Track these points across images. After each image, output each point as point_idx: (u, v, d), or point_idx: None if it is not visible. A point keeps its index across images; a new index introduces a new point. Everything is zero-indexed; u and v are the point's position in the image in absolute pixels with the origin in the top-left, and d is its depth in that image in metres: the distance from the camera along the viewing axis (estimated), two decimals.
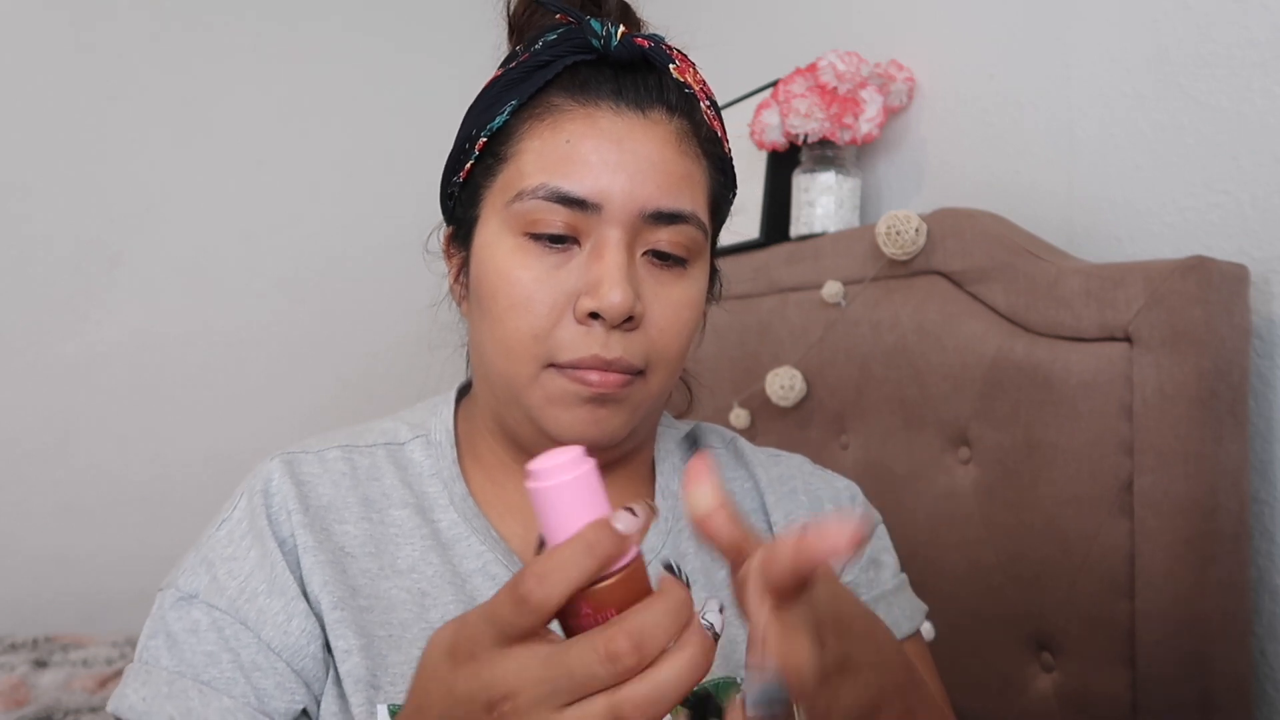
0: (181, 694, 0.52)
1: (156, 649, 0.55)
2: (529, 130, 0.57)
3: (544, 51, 0.58)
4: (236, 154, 1.98)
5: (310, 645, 0.55)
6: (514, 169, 0.57)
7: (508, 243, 0.57)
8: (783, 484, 0.71)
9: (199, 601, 0.55)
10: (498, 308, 0.57)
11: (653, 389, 0.59)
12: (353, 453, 0.63)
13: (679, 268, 0.58)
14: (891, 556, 0.72)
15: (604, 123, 0.56)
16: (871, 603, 0.67)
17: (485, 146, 0.60)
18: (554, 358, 0.56)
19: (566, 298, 0.55)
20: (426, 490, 0.63)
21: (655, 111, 0.57)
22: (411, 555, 0.59)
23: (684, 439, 0.73)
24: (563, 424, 0.57)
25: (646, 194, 0.55)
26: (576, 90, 0.57)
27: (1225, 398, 0.86)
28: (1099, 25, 1.11)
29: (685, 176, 0.58)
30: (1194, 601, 0.85)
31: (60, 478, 1.79)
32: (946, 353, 1.08)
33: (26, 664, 1.47)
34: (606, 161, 0.55)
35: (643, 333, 0.57)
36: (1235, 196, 0.97)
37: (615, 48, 0.57)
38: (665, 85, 0.58)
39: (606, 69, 0.57)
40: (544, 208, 0.55)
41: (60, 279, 1.81)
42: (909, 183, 1.38)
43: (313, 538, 0.57)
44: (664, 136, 0.57)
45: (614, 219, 0.55)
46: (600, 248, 0.55)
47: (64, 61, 1.81)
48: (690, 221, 0.57)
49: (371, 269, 2.09)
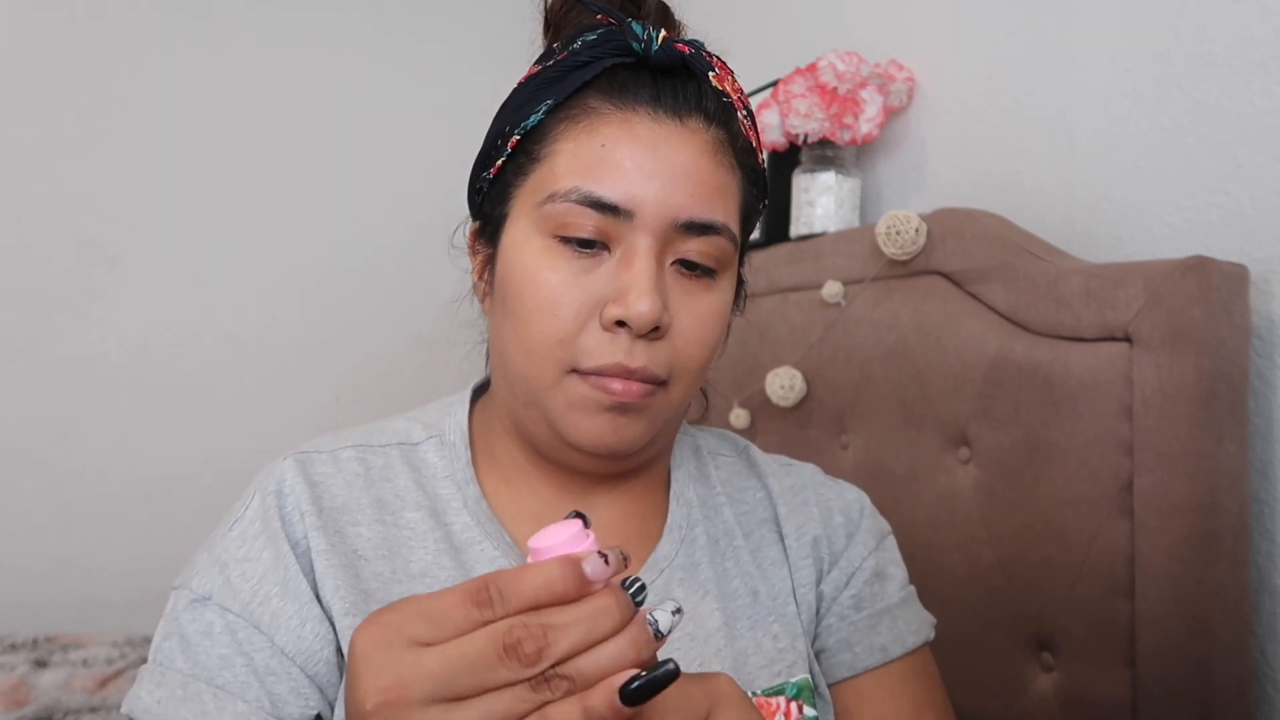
0: (196, 697, 0.52)
1: (170, 651, 0.55)
2: (564, 131, 0.56)
3: (583, 52, 0.57)
4: (237, 153, 1.97)
5: (324, 650, 0.55)
6: (547, 169, 0.56)
7: (536, 243, 0.56)
8: (795, 494, 0.70)
9: (212, 604, 0.55)
10: (523, 308, 0.56)
11: (674, 399, 0.58)
12: (366, 452, 0.63)
13: (707, 278, 0.58)
14: (900, 569, 0.71)
15: (641, 128, 0.55)
16: (875, 617, 0.67)
17: (518, 144, 0.58)
18: (577, 363, 0.55)
19: (593, 303, 0.55)
20: (440, 492, 0.62)
21: (693, 120, 0.56)
22: (424, 559, 0.59)
23: (696, 446, 0.72)
24: (582, 430, 0.56)
25: (679, 203, 0.55)
26: (614, 93, 0.56)
27: (1225, 398, 0.86)
28: (1099, 25, 1.11)
29: (719, 187, 0.57)
30: (1194, 602, 0.85)
31: (60, 478, 1.79)
32: (946, 353, 1.08)
33: (26, 664, 1.47)
34: (641, 168, 0.54)
35: (668, 343, 0.56)
36: (1235, 196, 0.97)
37: (656, 52, 0.56)
38: (704, 93, 0.57)
39: (645, 73, 0.57)
40: (575, 211, 0.54)
41: (60, 279, 1.81)
42: (909, 183, 1.38)
43: (326, 540, 0.57)
44: (700, 145, 0.56)
45: (645, 226, 0.54)
46: (630, 255, 0.54)
47: (64, 61, 1.81)
48: (722, 233, 0.57)
49: (373, 270, 2.09)
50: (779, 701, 0.61)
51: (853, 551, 0.69)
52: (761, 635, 0.63)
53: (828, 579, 0.68)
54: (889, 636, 0.66)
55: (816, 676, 0.64)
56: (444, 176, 2.19)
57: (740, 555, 0.66)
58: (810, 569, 0.67)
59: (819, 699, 0.63)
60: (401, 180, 2.12)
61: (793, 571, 0.67)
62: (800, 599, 0.66)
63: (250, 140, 1.99)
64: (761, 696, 0.60)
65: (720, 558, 0.65)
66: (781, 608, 0.65)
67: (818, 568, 0.68)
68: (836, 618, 0.67)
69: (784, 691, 0.61)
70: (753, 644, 0.62)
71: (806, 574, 0.67)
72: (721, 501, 0.68)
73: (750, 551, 0.66)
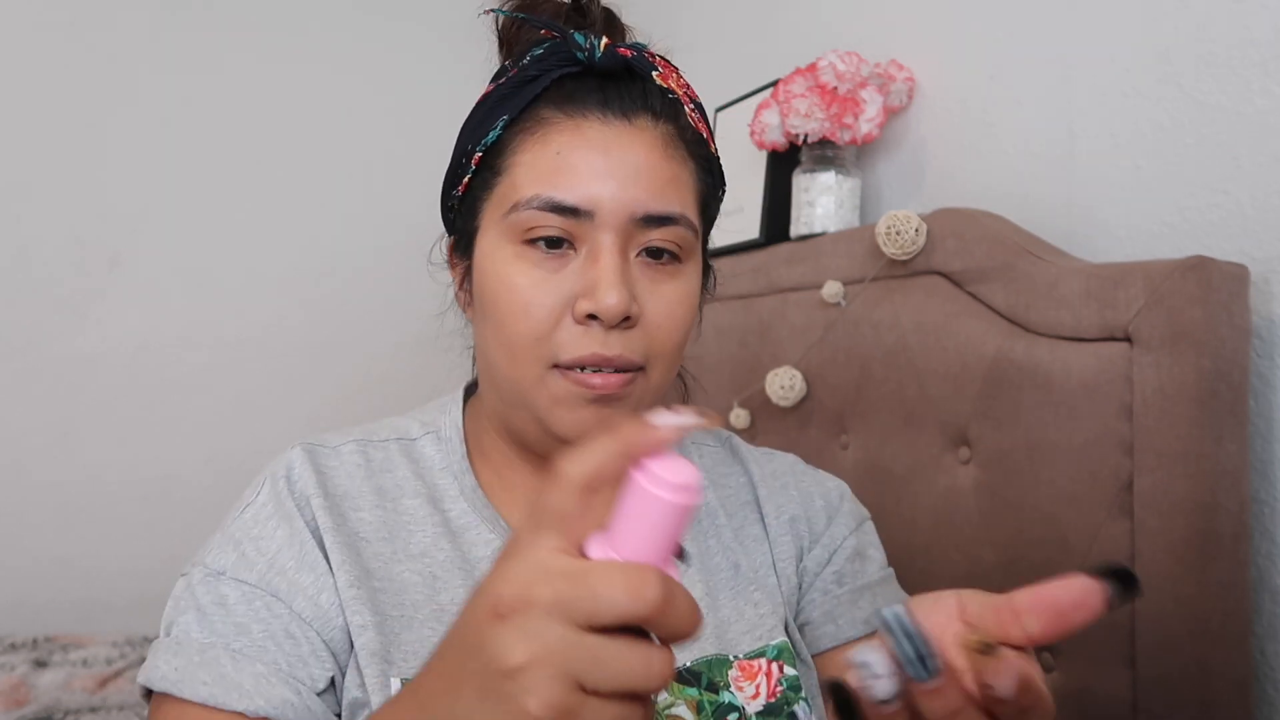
0: (214, 662, 0.54)
1: (186, 624, 0.56)
2: (521, 144, 0.60)
3: (531, 66, 0.61)
4: (237, 154, 1.97)
5: (338, 618, 0.57)
6: (509, 182, 0.60)
7: (507, 251, 0.59)
8: (775, 479, 0.74)
9: (227, 578, 0.58)
10: (500, 313, 0.59)
11: (654, 383, 0.61)
12: (367, 447, 0.66)
13: (673, 264, 0.60)
14: (879, 552, 0.76)
15: (591, 132, 0.58)
16: (857, 592, 0.70)
17: (481, 160, 0.62)
18: (556, 358, 0.58)
19: (565, 301, 0.58)
20: (437, 482, 0.66)
21: (641, 118, 0.59)
22: (423, 541, 0.62)
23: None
24: (568, 424, 0.59)
25: (636, 199, 0.58)
26: (564, 102, 0.59)
27: (1225, 398, 0.86)
28: (1099, 25, 1.11)
29: (673, 179, 0.60)
30: (1194, 602, 0.85)
31: (60, 478, 1.79)
32: (946, 353, 1.08)
33: (26, 664, 1.47)
34: (595, 170, 0.57)
35: (641, 330, 0.59)
36: (1235, 196, 0.97)
37: (599, 59, 0.60)
38: (649, 92, 0.60)
39: (592, 80, 0.60)
40: (539, 217, 0.57)
41: (60, 279, 1.81)
42: (909, 183, 1.38)
43: (331, 520, 0.60)
44: (650, 142, 0.59)
45: (606, 224, 0.57)
46: (595, 252, 0.57)
47: (64, 61, 1.81)
48: (680, 223, 0.59)
49: (372, 271, 2.09)
50: (760, 663, 0.64)
51: (834, 530, 0.73)
52: (744, 604, 0.67)
53: (810, 555, 0.72)
54: (870, 610, 0.70)
55: (797, 643, 0.68)
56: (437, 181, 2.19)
57: (722, 533, 0.70)
58: (790, 544, 0.71)
59: (800, 663, 0.66)
60: (401, 181, 2.12)
61: (773, 547, 0.71)
62: (780, 571, 0.70)
63: (250, 140, 1.99)
64: (744, 660, 0.64)
65: (703, 536, 0.69)
66: (763, 579, 0.69)
67: (798, 544, 0.72)
68: (820, 592, 0.71)
69: (764, 654, 0.65)
70: (735, 613, 0.66)
71: (786, 549, 0.71)
72: (705, 485, 0.72)
73: (733, 530, 0.70)
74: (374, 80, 2.12)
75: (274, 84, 2.02)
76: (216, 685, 0.53)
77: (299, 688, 0.54)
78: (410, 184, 2.12)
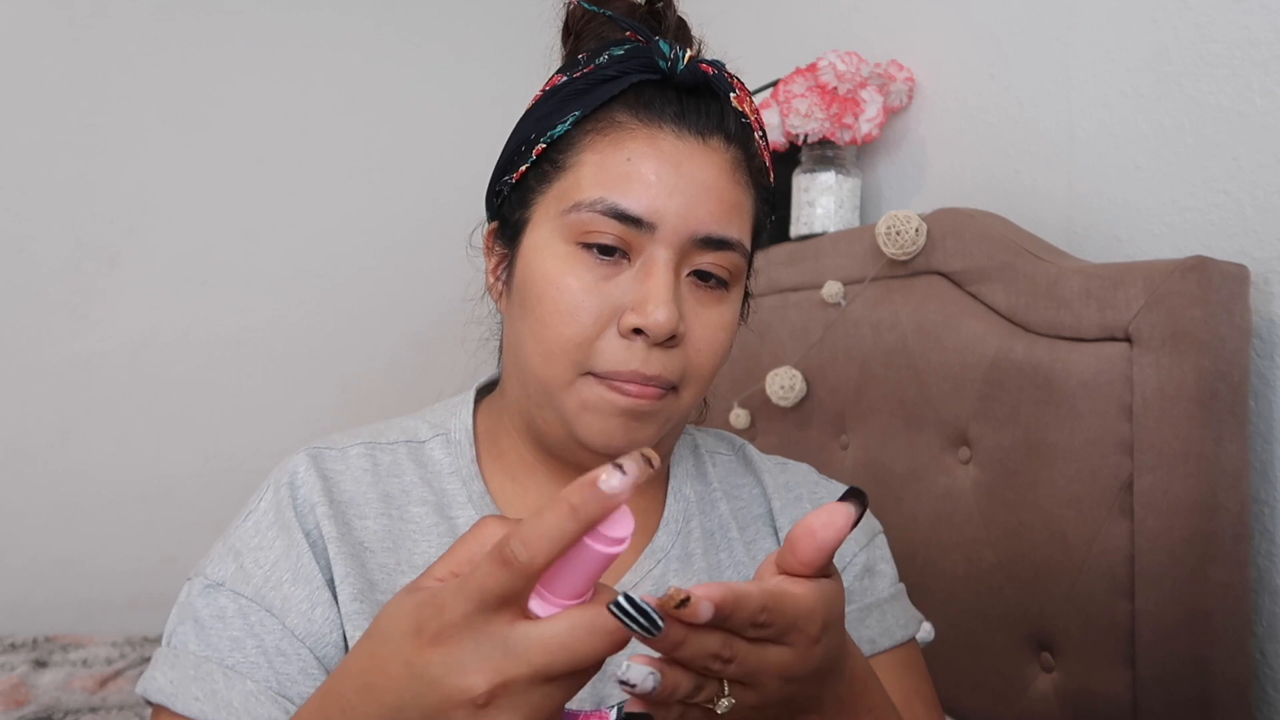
0: (207, 677, 0.54)
1: (185, 634, 0.56)
2: (590, 143, 0.58)
3: (610, 66, 0.59)
4: (237, 152, 1.97)
5: (333, 634, 0.57)
6: (572, 179, 0.58)
7: (559, 249, 0.58)
8: (789, 490, 0.73)
9: (225, 589, 0.57)
10: (543, 311, 0.58)
11: (684, 404, 0.61)
12: (375, 449, 0.65)
13: (720, 290, 0.60)
14: (890, 567, 0.73)
15: (665, 144, 0.57)
16: (865, 610, 0.68)
17: (543, 152, 0.61)
18: (593, 366, 0.57)
19: (612, 310, 0.57)
20: (446, 488, 0.64)
21: (714, 139, 0.59)
22: (428, 552, 0.61)
23: (695, 445, 0.74)
24: (594, 431, 0.58)
25: (699, 219, 0.57)
26: (641, 109, 0.58)
27: (1225, 398, 0.86)
28: (1099, 25, 1.11)
29: (736, 205, 0.59)
30: (1194, 602, 0.85)
31: (60, 478, 1.79)
32: (946, 353, 1.08)
33: (26, 664, 1.47)
34: (665, 183, 0.56)
35: (681, 350, 0.58)
36: (1235, 196, 0.97)
37: (681, 71, 0.59)
38: (726, 113, 0.60)
39: (671, 91, 0.59)
40: (600, 221, 0.56)
41: (60, 279, 1.81)
42: (909, 183, 1.38)
43: (336, 529, 0.59)
44: (720, 164, 0.58)
45: (665, 239, 0.56)
46: (650, 266, 0.57)
47: (63, 60, 1.81)
48: (736, 249, 0.59)
49: (374, 269, 2.09)
50: None
51: (844, 547, 0.71)
52: None
53: None
54: (877, 629, 0.68)
55: None
56: (445, 176, 2.19)
57: (734, 548, 0.69)
58: None
59: None
60: (402, 180, 2.12)
61: None
62: None
63: (250, 139, 1.99)
64: None
65: (714, 549, 0.68)
66: None
67: None
68: None
69: None
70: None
71: None
72: (718, 497, 0.71)
73: (745, 544, 0.69)
74: (375, 78, 2.12)
75: (274, 83, 2.02)
76: (207, 701, 0.53)
77: (287, 706, 0.54)
78: (412, 183, 2.13)
